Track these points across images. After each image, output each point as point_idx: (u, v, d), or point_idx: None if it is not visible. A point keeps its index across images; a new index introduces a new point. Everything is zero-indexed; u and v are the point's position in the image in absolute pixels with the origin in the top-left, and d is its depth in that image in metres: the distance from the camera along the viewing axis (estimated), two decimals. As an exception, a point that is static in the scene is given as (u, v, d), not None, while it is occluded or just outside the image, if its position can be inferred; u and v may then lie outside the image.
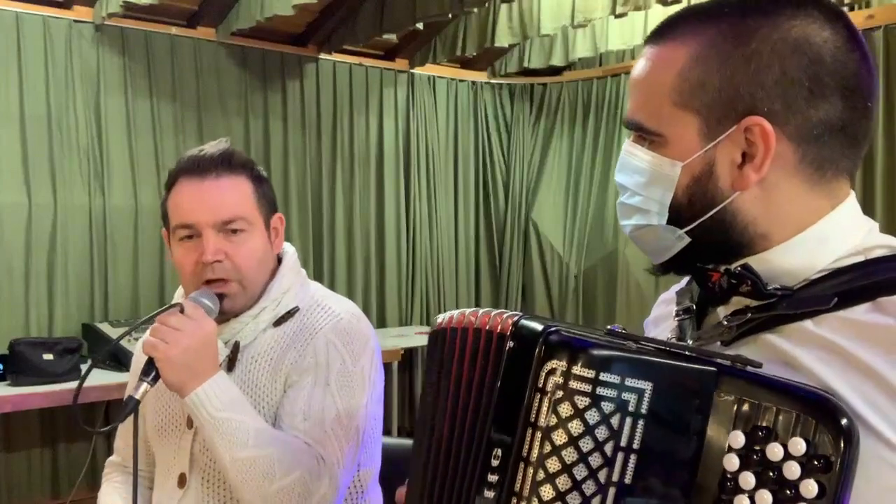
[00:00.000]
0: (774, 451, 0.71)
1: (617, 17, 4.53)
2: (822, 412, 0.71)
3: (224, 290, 1.56)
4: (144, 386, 1.44)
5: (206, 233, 1.54)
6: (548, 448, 0.77)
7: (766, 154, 0.82)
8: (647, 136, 0.89)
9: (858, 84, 0.84)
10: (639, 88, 0.91)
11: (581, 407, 0.75)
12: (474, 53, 5.34)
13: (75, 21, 4.29)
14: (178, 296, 1.68)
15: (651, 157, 0.88)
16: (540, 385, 0.79)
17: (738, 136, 0.83)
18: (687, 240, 0.88)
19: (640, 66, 0.91)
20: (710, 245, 0.88)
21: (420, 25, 4.79)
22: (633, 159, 0.90)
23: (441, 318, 0.96)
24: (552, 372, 0.78)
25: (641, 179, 0.89)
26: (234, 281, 1.56)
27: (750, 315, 0.84)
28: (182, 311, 1.49)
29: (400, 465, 1.87)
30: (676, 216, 0.88)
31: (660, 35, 0.91)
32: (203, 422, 1.45)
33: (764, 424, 0.73)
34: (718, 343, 0.86)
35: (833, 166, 0.85)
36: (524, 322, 0.84)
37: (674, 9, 4.99)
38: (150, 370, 1.45)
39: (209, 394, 1.45)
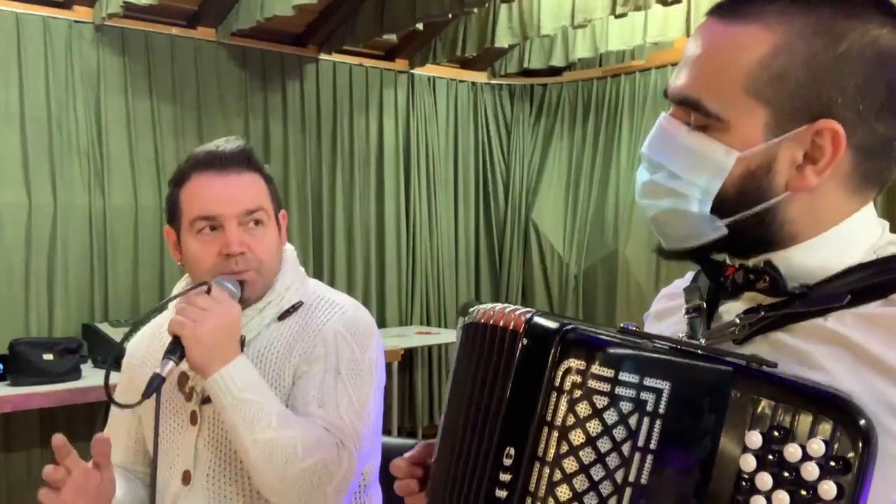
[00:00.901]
0: (792, 452, 0.71)
1: (617, 17, 4.52)
2: (840, 413, 0.70)
3: (245, 277, 1.56)
4: (170, 364, 1.43)
5: (229, 225, 1.55)
6: (565, 448, 0.76)
7: (832, 159, 0.80)
8: (703, 118, 0.83)
9: None
10: (704, 64, 0.84)
11: (600, 407, 0.75)
12: (474, 53, 5.34)
13: (75, 21, 4.29)
14: (180, 290, 1.67)
15: (703, 140, 0.83)
16: (557, 384, 0.78)
17: (806, 136, 0.80)
18: (724, 232, 0.85)
19: (706, 40, 0.85)
20: (741, 239, 0.85)
21: (420, 25, 4.79)
22: (678, 137, 0.85)
23: (472, 312, 0.94)
24: (569, 371, 0.77)
25: (685, 162, 0.84)
26: (253, 270, 1.57)
27: (763, 313, 0.83)
28: (209, 293, 1.50)
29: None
30: (719, 206, 0.84)
31: (735, 12, 0.84)
32: (226, 403, 1.46)
33: (781, 425, 0.72)
34: (731, 342, 0.85)
35: (876, 181, 0.85)
36: (537, 320, 0.83)
37: (674, 8, 4.93)
38: (176, 349, 1.45)
39: (233, 375, 1.46)
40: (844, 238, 0.84)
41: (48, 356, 3.66)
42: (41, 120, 4.17)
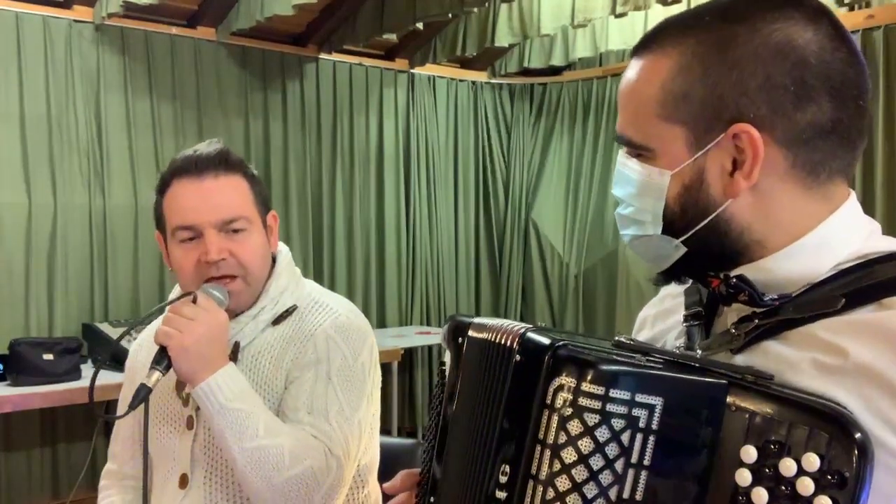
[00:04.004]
0: (787, 466, 0.70)
1: (617, 17, 4.52)
2: (835, 426, 0.70)
3: (229, 287, 1.56)
4: (156, 374, 1.44)
5: (209, 232, 1.54)
6: (557, 466, 0.76)
7: (754, 160, 0.82)
8: (637, 150, 0.89)
9: (846, 83, 0.83)
10: (625, 102, 0.91)
11: (591, 424, 0.74)
12: (474, 53, 5.34)
13: (75, 21, 4.28)
14: (174, 296, 1.68)
15: (641, 167, 0.88)
16: (548, 401, 0.78)
17: (727, 143, 0.83)
18: (683, 249, 0.88)
19: (625, 79, 0.91)
20: (707, 253, 0.87)
21: (420, 25, 4.79)
22: (625, 170, 0.90)
23: (467, 325, 0.96)
24: (560, 388, 0.77)
25: (633, 190, 0.89)
26: (240, 277, 1.57)
27: (757, 322, 0.83)
28: (194, 302, 1.49)
29: (400, 464, 1.87)
30: (670, 225, 0.87)
31: (643, 46, 0.90)
32: (213, 412, 1.46)
33: (776, 439, 0.72)
34: (728, 351, 0.86)
35: (826, 168, 0.84)
36: (530, 335, 0.83)
37: (674, 9, 4.98)
38: (162, 359, 1.46)
39: (220, 384, 1.46)
40: (821, 244, 0.84)
41: (48, 356, 3.66)
42: (41, 119, 4.16)
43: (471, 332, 0.95)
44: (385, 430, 1.75)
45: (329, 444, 1.51)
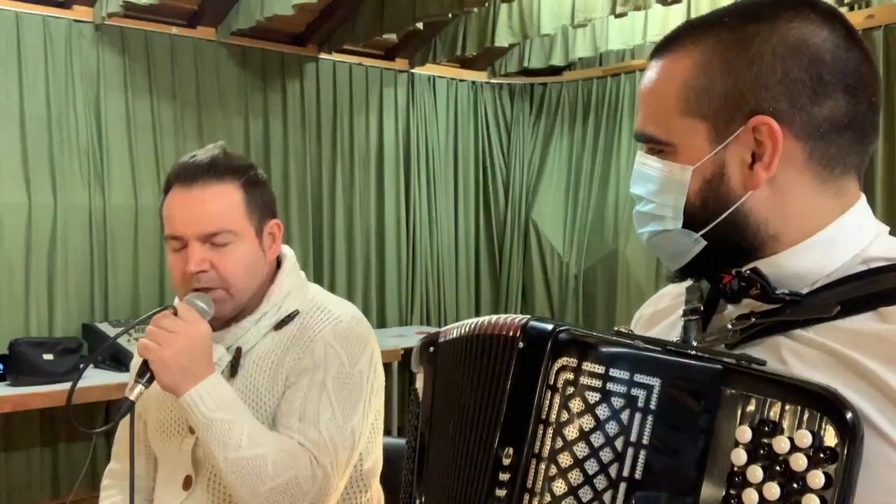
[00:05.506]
0: (781, 444, 0.72)
1: (617, 16, 4.52)
2: (826, 405, 0.72)
3: (213, 296, 1.57)
4: (139, 388, 1.46)
5: (192, 244, 1.55)
6: (559, 443, 0.78)
7: (774, 151, 0.84)
8: (658, 147, 0.91)
9: (860, 80, 0.86)
10: (646, 101, 0.93)
11: (592, 402, 0.77)
12: (474, 53, 5.34)
13: (75, 21, 4.29)
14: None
15: (662, 164, 0.90)
16: (551, 382, 0.81)
17: (747, 136, 0.85)
18: (703, 243, 0.90)
19: (646, 79, 0.94)
20: (725, 248, 0.89)
21: (420, 25, 4.79)
22: (645, 169, 0.93)
23: (443, 332, 0.99)
24: (563, 369, 0.80)
25: (654, 187, 0.91)
26: (220, 289, 1.57)
27: (754, 320, 0.86)
28: (175, 314, 1.50)
29: (400, 464, 1.87)
30: (691, 220, 0.90)
31: (664, 48, 0.93)
32: (197, 422, 1.47)
33: (770, 418, 0.73)
34: (723, 346, 0.87)
35: (841, 163, 0.87)
36: (533, 323, 0.86)
37: (674, 9, 4.93)
38: (145, 372, 1.47)
39: (202, 395, 1.47)
40: (831, 241, 0.87)
41: (48, 356, 3.67)
42: (41, 120, 4.17)
43: (441, 339, 0.99)
44: (385, 431, 1.75)
45: (316, 452, 1.51)
